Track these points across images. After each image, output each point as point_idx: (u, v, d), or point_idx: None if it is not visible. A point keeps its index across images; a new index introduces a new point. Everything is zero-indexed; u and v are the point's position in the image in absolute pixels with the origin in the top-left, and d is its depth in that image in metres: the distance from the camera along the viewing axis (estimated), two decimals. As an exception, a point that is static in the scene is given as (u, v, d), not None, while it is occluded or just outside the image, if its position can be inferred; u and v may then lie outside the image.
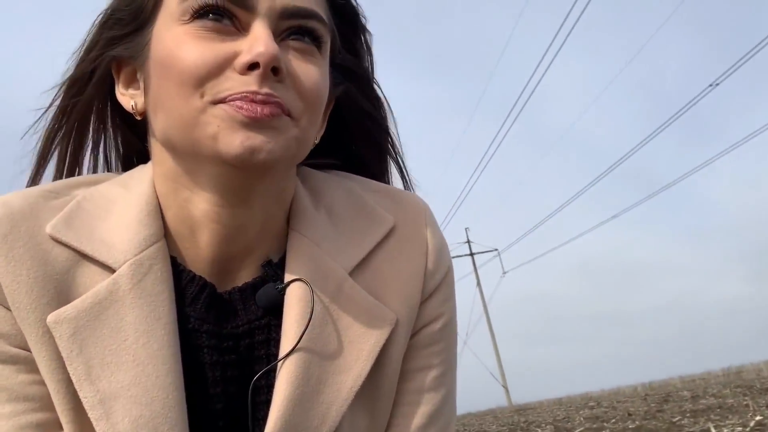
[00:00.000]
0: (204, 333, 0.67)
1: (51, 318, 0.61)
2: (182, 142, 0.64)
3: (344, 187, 0.78)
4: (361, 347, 0.68)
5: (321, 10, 0.68)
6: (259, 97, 0.60)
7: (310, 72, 0.65)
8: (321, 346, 0.67)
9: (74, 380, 0.61)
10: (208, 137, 0.61)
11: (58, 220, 0.66)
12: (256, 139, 0.60)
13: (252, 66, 0.60)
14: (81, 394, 0.60)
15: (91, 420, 0.60)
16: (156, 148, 0.70)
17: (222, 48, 0.61)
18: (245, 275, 0.71)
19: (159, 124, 0.66)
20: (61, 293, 0.63)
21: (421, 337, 0.74)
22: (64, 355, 0.61)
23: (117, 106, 0.75)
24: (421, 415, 0.73)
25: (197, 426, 0.65)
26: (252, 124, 0.60)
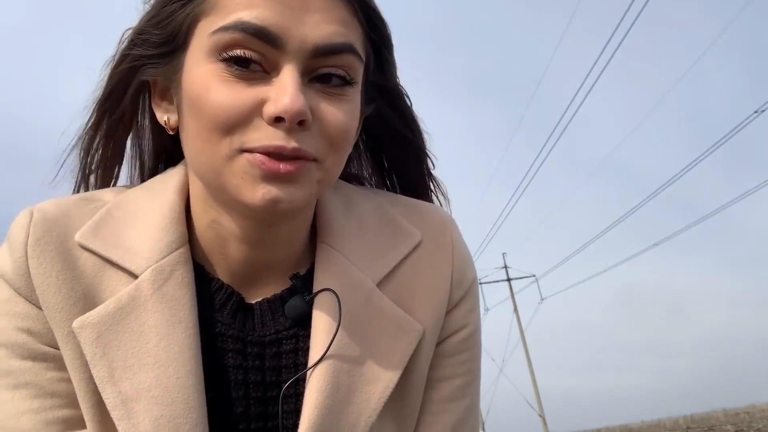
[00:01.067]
0: (229, 337, 0.69)
1: (76, 323, 0.63)
2: (209, 183, 0.66)
3: (373, 200, 0.79)
4: (389, 358, 0.69)
5: (355, 38, 0.66)
6: (287, 152, 0.60)
7: (339, 116, 0.64)
8: (350, 356, 0.68)
9: (97, 382, 0.62)
10: (233, 187, 0.62)
11: (87, 228, 0.68)
12: (277, 192, 0.61)
13: (278, 119, 0.60)
14: (104, 395, 0.62)
15: (114, 420, 0.62)
16: (191, 169, 0.71)
17: (249, 94, 0.61)
18: (273, 287, 0.72)
19: (190, 156, 0.68)
20: (88, 297, 0.65)
21: (447, 346, 0.75)
22: (87, 358, 0.63)
23: (153, 117, 0.76)
24: (446, 424, 0.74)
25: (218, 428, 0.66)
26: (273, 178, 0.61)
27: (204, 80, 0.62)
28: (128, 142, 0.78)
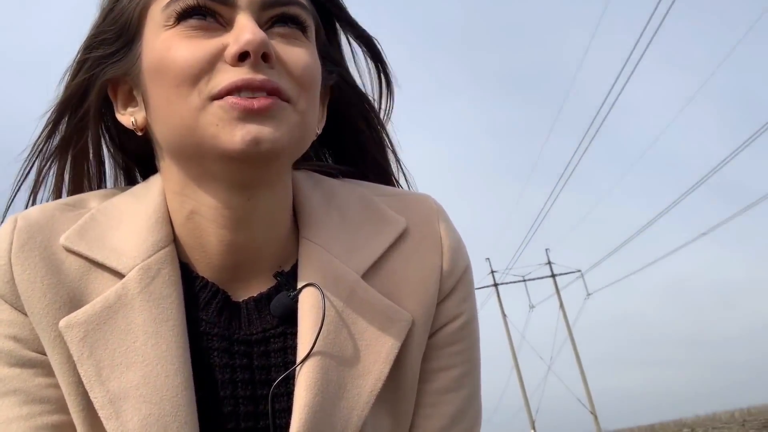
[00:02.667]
0: (215, 336, 0.69)
1: (62, 323, 0.64)
2: (185, 146, 0.65)
3: (356, 191, 0.78)
4: (378, 350, 0.68)
5: None
6: (256, 82, 0.61)
7: (299, 54, 0.66)
8: (338, 351, 0.67)
9: (85, 381, 0.63)
10: (210, 137, 0.62)
11: (72, 232, 0.68)
12: (256, 130, 0.61)
13: (242, 56, 0.61)
14: (91, 395, 0.62)
15: (102, 419, 0.62)
16: (162, 162, 0.71)
17: (210, 43, 0.63)
18: (259, 286, 0.72)
19: (161, 133, 0.68)
20: (74, 299, 0.66)
21: (440, 337, 0.75)
22: (75, 357, 0.63)
23: (118, 130, 0.78)
24: (443, 416, 0.73)
25: (207, 427, 0.66)
26: (250, 117, 0.61)
27: (164, 44, 0.64)
28: (92, 159, 0.78)
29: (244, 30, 0.62)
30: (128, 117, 0.72)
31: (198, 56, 0.62)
